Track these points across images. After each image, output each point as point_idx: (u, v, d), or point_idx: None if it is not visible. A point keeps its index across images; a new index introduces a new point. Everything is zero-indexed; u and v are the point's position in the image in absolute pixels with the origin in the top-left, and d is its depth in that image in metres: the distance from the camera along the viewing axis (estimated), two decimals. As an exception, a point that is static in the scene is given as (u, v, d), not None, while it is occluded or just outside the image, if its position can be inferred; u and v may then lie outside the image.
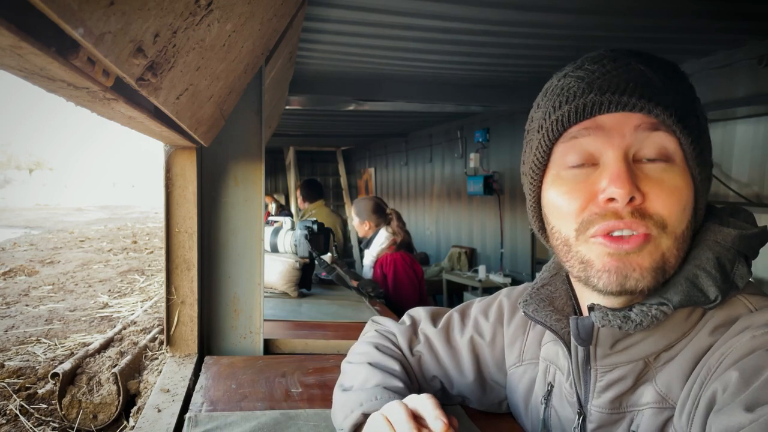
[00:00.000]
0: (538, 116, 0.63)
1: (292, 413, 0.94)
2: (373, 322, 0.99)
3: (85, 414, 1.38)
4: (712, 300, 0.56)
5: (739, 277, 0.57)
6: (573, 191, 0.59)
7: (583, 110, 0.56)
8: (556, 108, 0.59)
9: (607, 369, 0.62)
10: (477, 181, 5.03)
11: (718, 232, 0.59)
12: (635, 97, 0.54)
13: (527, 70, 3.10)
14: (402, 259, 2.63)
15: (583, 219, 0.58)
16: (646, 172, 0.56)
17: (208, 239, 1.32)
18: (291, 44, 1.97)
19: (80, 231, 7.66)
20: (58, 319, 2.37)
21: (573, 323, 0.61)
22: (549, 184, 0.62)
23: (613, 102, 0.55)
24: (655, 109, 0.54)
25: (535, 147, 0.62)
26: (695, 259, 0.58)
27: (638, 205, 0.55)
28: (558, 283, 0.72)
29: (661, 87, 0.56)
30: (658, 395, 0.58)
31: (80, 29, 0.35)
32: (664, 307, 0.56)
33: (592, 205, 0.57)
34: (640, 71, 0.56)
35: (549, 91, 0.62)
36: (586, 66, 0.59)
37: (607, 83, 0.56)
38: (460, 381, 0.85)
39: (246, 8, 0.76)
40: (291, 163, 7.92)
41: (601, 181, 0.56)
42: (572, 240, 0.60)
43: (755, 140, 2.66)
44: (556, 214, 0.62)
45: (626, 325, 0.56)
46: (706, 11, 2.08)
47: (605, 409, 0.63)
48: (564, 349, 0.66)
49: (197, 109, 0.86)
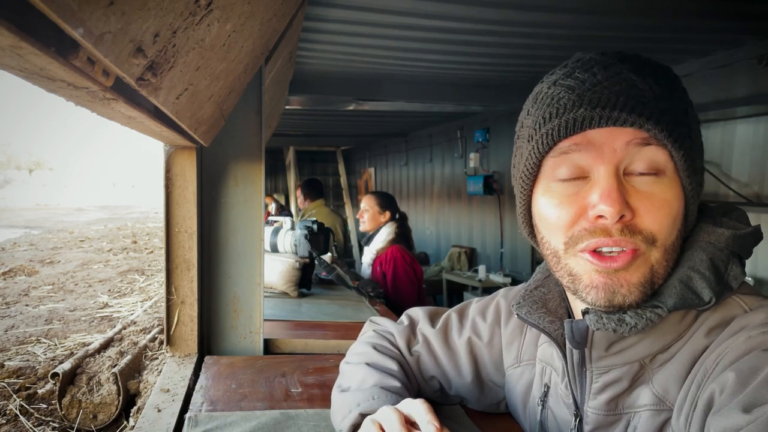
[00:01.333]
0: (528, 124, 0.62)
1: (292, 413, 0.94)
2: (371, 323, 0.99)
3: (85, 414, 1.38)
4: (707, 302, 0.56)
5: (733, 277, 0.57)
6: (563, 204, 0.59)
7: (573, 125, 0.56)
8: (546, 120, 0.58)
9: (603, 371, 0.62)
10: (477, 181, 5.04)
11: (711, 233, 0.59)
12: (626, 112, 0.54)
13: (527, 70, 3.10)
14: (402, 258, 2.63)
15: (572, 234, 0.58)
16: (637, 186, 0.56)
17: (208, 239, 1.32)
18: (291, 44, 1.97)
19: (80, 231, 7.66)
20: (58, 319, 2.37)
21: (567, 326, 0.61)
22: (539, 194, 0.62)
23: (604, 117, 0.54)
24: (646, 124, 0.54)
25: (525, 157, 0.62)
26: (689, 260, 0.58)
27: (628, 221, 0.55)
28: (551, 285, 0.72)
29: (652, 98, 0.55)
30: (655, 397, 0.58)
31: (80, 29, 0.35)
32: (658, 310, 0.56)
33: (582, 219, 0.57)
34: (631, 82, 0.55)
35: (539, 99, 0.61)
36: (576, 74, 0.58)
37: (598, 96, 0.55)
38: (458, 381, 0.85)
39: (246, 8, 0.76)
40: (291, 163, 7.92)
41: (591, 195, 0.56)
42: (561, 252, 0.60)
43: (755, 140, 2.66)
44: (546, 226, 0.62)
45: (621, 328, 0.56)
46: (706, 11, 2.09)
47: (601, 410, 0.63)
48: (558, 350, 0.66)
49: (197, 109, 0.86)
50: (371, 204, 2.83)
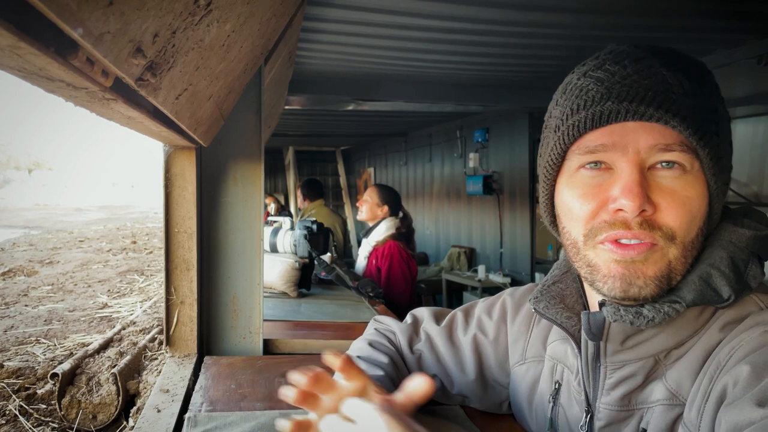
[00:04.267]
0: (556, 114, 0.62)
1: (291, 413, 0.94)
2: (375, 321, 1.00)
3: (85, 414, 1.38)
4: (725, 299, 0.56)
5: (752, 277, 0.57)
6: (585, 195, 0.59)
7: (600, 117, 0.56)
8: (574, 111, 0.58)
9: (617, 366, 0.62)
10: (476, 181, 5.04)
11: (733, 233, 0.59)
12: (653, 107, 0.54)
13: (527, 70, 3.10)
14: (399, 253, 2.63)
15: (593, 225, 0.58)
16: (659, 181, 0.56)
17: (207, 239, 1.32)
18: (290, 44, 1.97)
19: (79, 231, 7.66)
20: (58, 320, 2.37)
21: (584, 318, 0.62)
22: (563, 184, 0.62)
23: (631, 111, 0.54)
24: (672, 121, 0.54)
25: (551, 147, 0.62)
26: (709, 258, 0.58)
27: (648, 216, 0.55)
28: (569, 281, 0.72)
29: (681, 94, 0.55)
30: (668, 392, 0.59)
31: (79, 29, 0.35)
32: (676, 305, 0.56)
33: (603, 212, 0.58)
34: (661, 77, 0.55)
35: (569, 90, 0.61)
36: (606, 66, 0.58)
37: (626, 90, 0.55)
38: (461, 379, 0.85)
39: (245, 8, 0.76)
40: (290, 163, 7.92)
41: (614, 188, 0.56)
42: (581, 243, 0.60)
43: (754, 140, 2.67)
44: (568, 216, 0.62)
45: (638, 321, 0.57)
46: (706, 11, 2.09)
47: (614, 406, 0.63)
48: (574, 346, 0.66)
49: (196, 109, 0.85)
50: (372, 195, 2.84)
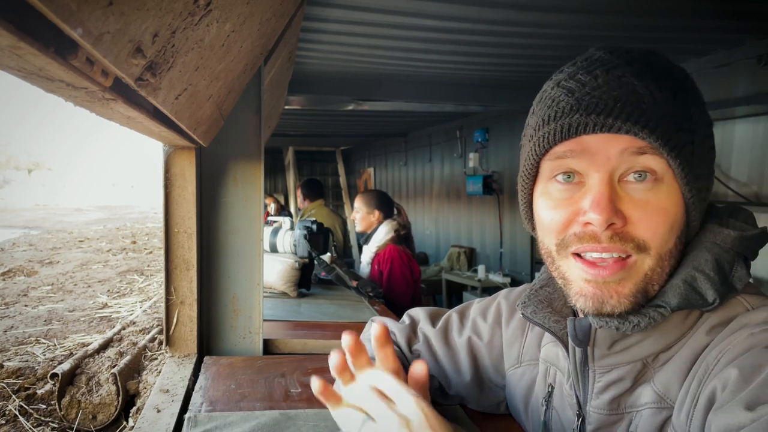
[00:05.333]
0: (531, 123, 0.62)
1: (291, 413, 0.94)
2: (373, 322, 0.99)
3: (85, 414, 1.38)
4: (710, 303, 0.55)
5: (737, 279, 0.57)
6: (556, 207, 0.59)
7: (569, 130, 0.55)
8: (544, 122, 0.58)
9: (605, 370, 0.62)
10: (476, 181, 5.04)
11: (718, 234, 0.59)
12: (620, 119, 0.53)
13: (527, 70, 3.10)
14: (400, 256, 2.62)
15: (564, 237, 0.58)
16: (631, 194, 0.55)
17: (207, 239, 1.32)
18: (290, 44, 1.97)
19: (79, 231, 7.66)
20: (57, 320, 2.37)
21: (570, 324, 0.61)
22: (538, 194, 0.63)
23: (598, 124, 0.54)
24: (640, 132, 0.53)
25: (525, 157, 0.62)
26: (693, 260, 0.58)
27: (618, 229, 0.55)
28: (556, 285, 0.72)
29: (651, 104, 0.54)
30: (656, 395, 0.59)
31: (79, 29, 0.35)
32: (661, 309, 0.56)
33: (574, 224, 0.57)
34: (631, 87, 0.54)
35: (542, 99, 0.61)
36: (579, 76, 0.57)
37: (595, 102, 0.54)
38: (457, 381, 0.85)
39: (245, 8, 0.76)
40: (290, 163, 7.92)
41: (583, 201, 0.56)
42: (554, 253, 0.61)
43: (754, 140, 2.66)
44: (540, 226, 0.62)
45: (624, 326, 0.56)
46: (705, 11, 2.09)
47: (604, 410, 0.63)
48: (563, 350, 0.66)
49: (196, 109, 0.85)
50: (359, 205, 2.83)
